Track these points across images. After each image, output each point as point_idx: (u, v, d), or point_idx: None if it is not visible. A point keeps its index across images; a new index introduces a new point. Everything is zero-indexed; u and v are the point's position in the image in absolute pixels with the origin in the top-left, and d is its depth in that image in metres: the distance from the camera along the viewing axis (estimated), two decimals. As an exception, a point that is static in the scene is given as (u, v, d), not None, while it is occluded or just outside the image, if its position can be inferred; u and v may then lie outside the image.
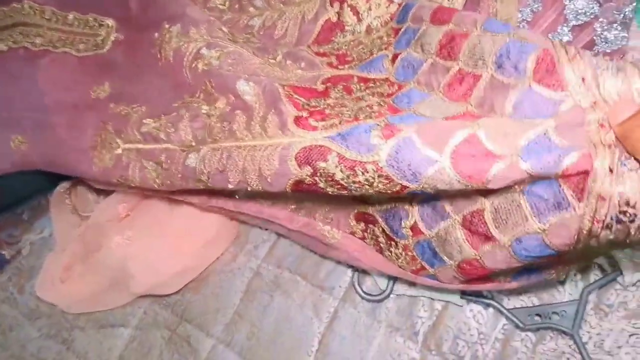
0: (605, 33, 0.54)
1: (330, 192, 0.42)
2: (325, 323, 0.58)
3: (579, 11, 0.55)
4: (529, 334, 0.52)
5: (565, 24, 0.56)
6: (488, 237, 0.39)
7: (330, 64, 0.54)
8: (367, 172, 0.38)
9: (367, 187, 0.39)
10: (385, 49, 0.53)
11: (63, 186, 0.66)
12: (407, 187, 0.37)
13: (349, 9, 0.56)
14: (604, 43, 0.55)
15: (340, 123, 0.41)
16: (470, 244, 0.40)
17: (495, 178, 0.34)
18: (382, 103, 0.44)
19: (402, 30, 0.52)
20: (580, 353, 0.48)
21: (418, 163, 0.36)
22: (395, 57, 0.50)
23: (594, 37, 0.55)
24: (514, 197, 0.36)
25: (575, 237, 0.34)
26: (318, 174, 0.40)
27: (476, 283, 0.46)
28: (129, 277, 0.60)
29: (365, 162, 0.38)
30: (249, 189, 0.46)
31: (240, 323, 0.60)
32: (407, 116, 0.40)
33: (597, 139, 0.32)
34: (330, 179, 0.40)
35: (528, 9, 0.57)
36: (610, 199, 0.32)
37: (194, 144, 0.49)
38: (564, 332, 0.50)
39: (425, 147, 0.36)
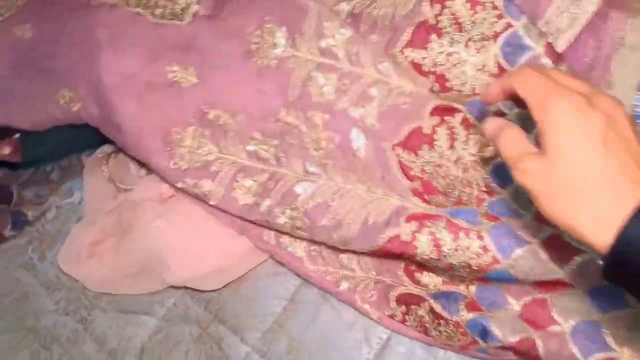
0: None
1: (417, 258, 0.47)
2: (375, 350, 0.52)
3: None
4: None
5: None
6: (548, 323, 0.44)
7: (431, 90, 0.51)
8: (469, 238, 0.45)
9: (461, 252, 0.45)
10: None
11: (103, 150, 0.60)
12: (497, 260, 0.44)
13: (450, 14, 0.49)
14: None
15: (450, 205, 0.49)
16: (529, 325, 0.45)
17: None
18: (481, 189, 0.49)
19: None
20: None
21: (512, 241, 0.44)
22: (499, 112, 0.48)
23: None
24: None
25: None
26: (423, 232, 0.46)
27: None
28: (165, 266, 0.54)
29: (469, 230, 0.45)
30: (334, 236, 0.50)
31: (279, 333, 0.55)
32: (504, 212, 0.47)
33: None
34: (433, 239, 0.46)
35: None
36: None
37: (305, 176, 0.52)
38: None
39: (521, 232, 0.45)
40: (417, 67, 0.51)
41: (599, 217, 0.28)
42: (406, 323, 0.50)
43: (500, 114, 0.48)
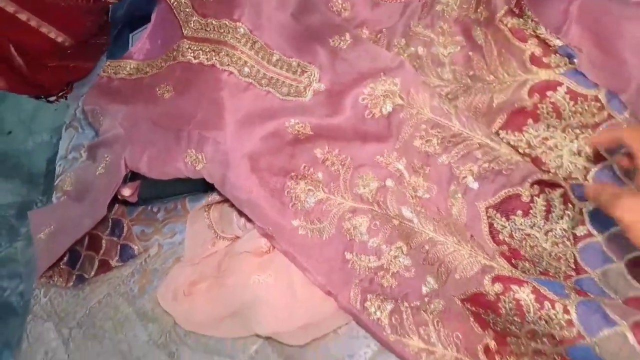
0: None
1: (500, 314, 0.49)
2: None
3: None
4: None
5: None
6: None
7: (537, 160, 0.53)
8: (554, 309, 0.46)
9: (544, 322, 0.46)
10: (584, 176, 0.52)
11: (209, 201, 0.67)
12: (582, 336, 0.44)
13: (550, 104, 0.53)
14: None
15: (537, 274, 0.51)
16: None
17: None
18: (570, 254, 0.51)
19: (606, 164, 0.50)
20: None
21: (600, 320, 0.44)
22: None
23: None
24: None
25: None
26: (507, 295, 0.48)
27: None
28: (255, 318, 0.58)
29: (555, 301, 0.46)
30: (429, 282, 0.54)
31: (356, 396, 0.56)
32: (593, 290, 0.48)
33: None
34: (516, 304, 0.47)
35: None
36: None
37: (402, 220, 0.57)
38: None
39: (610, 312, 0.44)
40: (513, 148, 0.54)
41: None
42: None
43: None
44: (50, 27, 0.79)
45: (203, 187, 0.69)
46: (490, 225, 0.54)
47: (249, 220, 0.62)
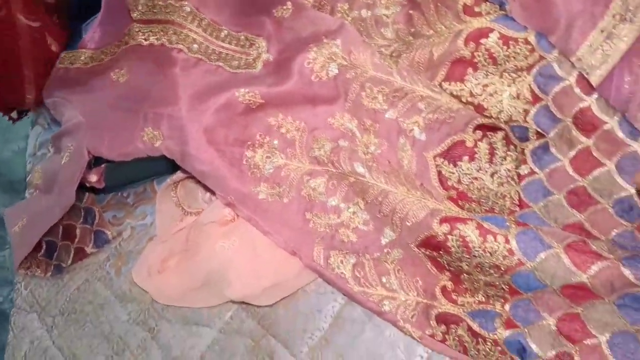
0: None
1: (450, 252, 0.52)
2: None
3: None
4: None
5: None
6: (584, 336, 0.45)
7: (479, 107, 0.56)
8: (496, 242, 0.49)
9: (488, 254, 0.49)
10: (524, 119, 0.54)
11: (173, 179, 0.68)
12: (522, 263, 0.48)
13: (485, 51, 0.55)
14: None
15: (483, 212, 0.54)
16: (566, 340, 0.46)
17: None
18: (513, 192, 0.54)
19: (540, 105, 0.53)
20: None
21: (537, 245, 0.47)
22: (538, 134, 0.53)
23: None
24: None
25: None
26: (454, 234, 0.51)
27: None
28: (226, 283, 0.60)
29: (497, 233, 0.49)
30: (387, 233, 0.58)
31: (326, 348, 0.59)
32: (533, 221, 0.51)
33: None
34: (462, 241, 0.50)
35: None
36: None
37: (358, 178, 0.59)
38: None
39: (546, 237, 0.48)
40: (456, 98, 0.57)
41: None
42: (446, 342, 0.53)
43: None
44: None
45: (168, 169, 0.71)
46: (439, 172, 0.56)
47: (212, 193, 0.64)
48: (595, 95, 0.50)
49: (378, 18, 0.63)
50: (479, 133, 0.55)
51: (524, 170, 0.54)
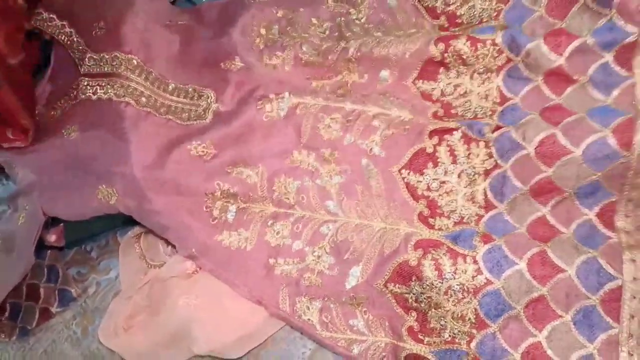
0: None
1: (422, 279, 0.52)
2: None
3: None
4: None
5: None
6: None
7: (435, 114, 0.59)
8: (465, 263, 0.51)
9: (458, 276, 0.51)
10: (490, 117, 0.57)
11: (134, 232, 0.67)
12: (490, 282, 0.50)
13: (454, 51, 0.57)
14: None
15: (452, 225, 0.55)
16: None
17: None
18: (476, 193, 0.55)
19: (509, 103, 0.56)
20: None
21: (502, 263, 0.50)
22: (496, 128, 0.55)
23: None
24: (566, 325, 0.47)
25: None
26: (427, 257, 0.52)
27: None
28: (192, 338, 0.59)
29: (466, 255, 0.51)
30: (354, 275, 0.57)
31: (299, 397, 0.58)
32: (499, 228, 0.53)
33: None
34: (435, 263, 0.52)
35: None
36: None
37: (328, 217, 0.59)
38: None
39: (510, 253, 0.50)
40: (426, 96, 0.59)
41: None
42: None
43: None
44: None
45: (127, 219, 0.70)
46: (407, 184, 0.57)
47: (174, 246, 0.63)
48: (566, 92, 0.53)
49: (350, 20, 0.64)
50: (436, 138, 0.56)
51: (490, 164, 0.55)
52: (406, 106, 0.59)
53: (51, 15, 0.71)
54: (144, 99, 0.64)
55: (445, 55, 0.57)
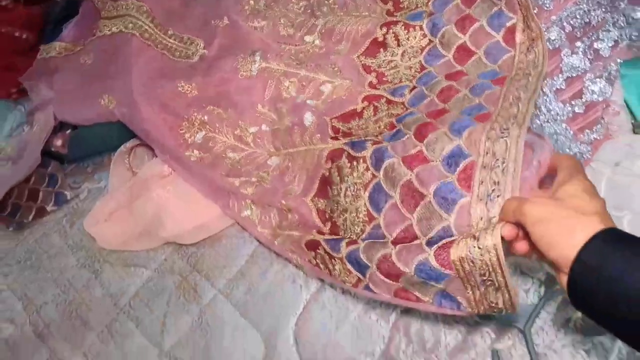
0: (592, 86, 0.63)
1: (332, 184, 0.64)
2: (312, 292, 0.66)
3: (573, 66, 0.65)
4: (489, 330, 0.58)
5: (561, 74, 0.66)
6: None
7: (371, 84, 0.74)
8: (360, 163, 0.60)
9: (355, 173, 0.60)
10: (410, 81, 0.72)
11: (126, 146, 0.81)
12: (375, 175, 0.59)
13: (393, 34, 0.73)
14: (590, 94, 0.64)
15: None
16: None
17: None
18: (388, 123, 0.66)
19: (426, 71, 0.71)
20: (528, 348, 0.54)
21: (382, 155, 0.58)
22: (413, 88, 0.70)
23: (583, 88, 0.64)
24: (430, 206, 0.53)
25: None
26: (334, 167, 0.64)
27: (402, 298, 0.53)
28: (160, 224, 0.72)
29: (360, 157, 0.61)
30: (294, 188, 0.69)
31: (241, 280, 0.70)
32: (395, 133, 0.61)
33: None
34: (337, 169, 0.63)
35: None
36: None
37: (273, 150, 0.73)
38: (519, 330, 0.56)
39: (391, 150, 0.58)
40: (367, 68, 0.74)
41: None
42: (319, 266, 0.63)
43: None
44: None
45: (123, 141, 0.84)
46: (333, 126, 0.70)
47: (155, 155, 0.77)
48: (468, 63, 0.67)
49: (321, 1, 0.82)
50: (366, 102, 0.71)
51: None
52: (347, 77, 0.74)
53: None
54: (147, 34, 0.82)
55: (386, 37, 0.74)
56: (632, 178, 0.58)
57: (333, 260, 0.59)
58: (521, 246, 0.44)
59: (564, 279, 0.38)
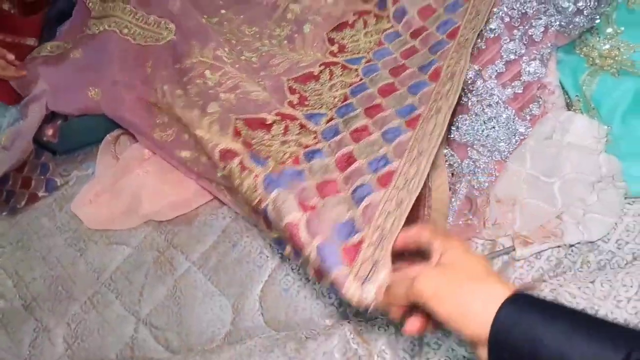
0: (528, 67, 0.70)
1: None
2: (277, 261, 0.71)
3: (511, 50, 0.71)
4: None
5: (500, 60, 0.72)
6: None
7: (290, 102, 0.78)
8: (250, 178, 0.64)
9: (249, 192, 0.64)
10: (330, 110, 0.75)
11: (112, 135, 0.88)
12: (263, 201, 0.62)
13: (329, 71, 0.80)
14: (527, 75, 0.70)
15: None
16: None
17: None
18: (296, 151, 0.68)
19: (347, 102, 0.75)
20: None
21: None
22: (331, 119, 0.73)
23: (521, 70, 0.71)
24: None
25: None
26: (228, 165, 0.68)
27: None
28: (139, 202, 0.78)
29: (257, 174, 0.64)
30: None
31: (212, 253, 0.75)
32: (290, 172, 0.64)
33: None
34: (229, 172, 0.68)
35: (475, 47, 0.74)
36: None
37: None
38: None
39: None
40: (292, 89, 0.79)
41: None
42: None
43: None
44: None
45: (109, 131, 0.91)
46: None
47: (136, 141, 0.84)
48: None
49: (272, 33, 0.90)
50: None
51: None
52: (270, 92, 0.79)
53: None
54: (125, 30, 0.91)
55: (322, 72, 0.80)
56: (560, 149, 0.64)
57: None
58: (412, 325, 0.43)
59: (482, 352, 0.37)
